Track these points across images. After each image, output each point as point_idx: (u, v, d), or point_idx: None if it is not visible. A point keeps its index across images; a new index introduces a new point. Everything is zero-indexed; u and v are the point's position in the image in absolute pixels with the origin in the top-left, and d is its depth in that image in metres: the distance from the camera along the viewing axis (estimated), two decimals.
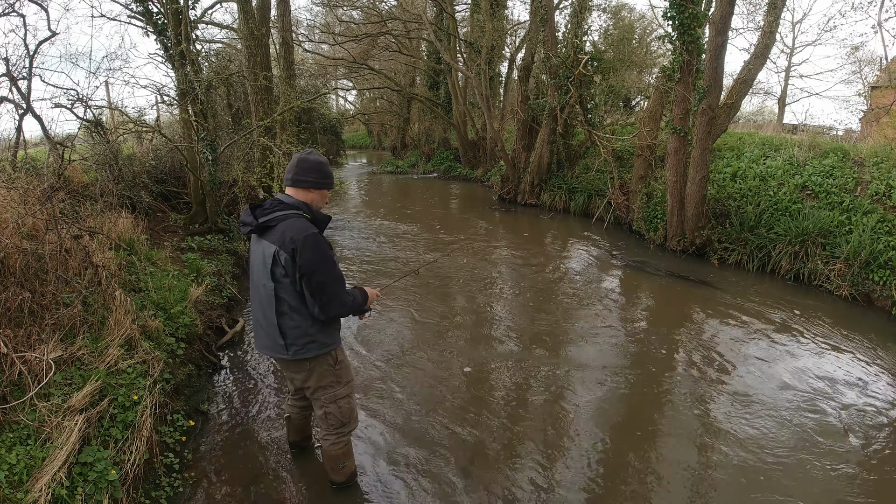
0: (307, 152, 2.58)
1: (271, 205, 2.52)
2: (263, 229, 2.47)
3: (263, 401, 3.93)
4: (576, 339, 5.17)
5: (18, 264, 3.19)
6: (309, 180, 2.52)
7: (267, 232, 2.47)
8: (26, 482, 2.29)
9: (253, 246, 2.58)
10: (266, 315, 2.53)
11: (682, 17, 7.60)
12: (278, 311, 2.49)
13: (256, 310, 2.61)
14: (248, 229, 2.51)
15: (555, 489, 3.06)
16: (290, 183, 2.53)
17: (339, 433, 2.79)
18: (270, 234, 2.45)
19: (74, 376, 2.94)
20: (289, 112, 8.22)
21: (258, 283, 2.54)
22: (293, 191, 2.54)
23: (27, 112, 6.11)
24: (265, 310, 2.53)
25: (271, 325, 2.52)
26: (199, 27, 8.11)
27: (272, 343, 2.57)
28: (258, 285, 2.54)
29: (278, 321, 2.49)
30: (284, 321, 2.50)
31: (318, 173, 2.54)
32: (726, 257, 7.88)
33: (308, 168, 2.52)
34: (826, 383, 4.35)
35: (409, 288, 6.51)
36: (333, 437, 2.79)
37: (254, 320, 2.67)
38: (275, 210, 2.48)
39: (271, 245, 2.42)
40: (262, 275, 2.48)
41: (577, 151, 12.71)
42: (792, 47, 24.48)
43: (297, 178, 2.51)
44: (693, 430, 3.65)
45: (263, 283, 2.49)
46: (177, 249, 6.36)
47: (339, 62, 19.96)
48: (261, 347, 2.67)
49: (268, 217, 2.46)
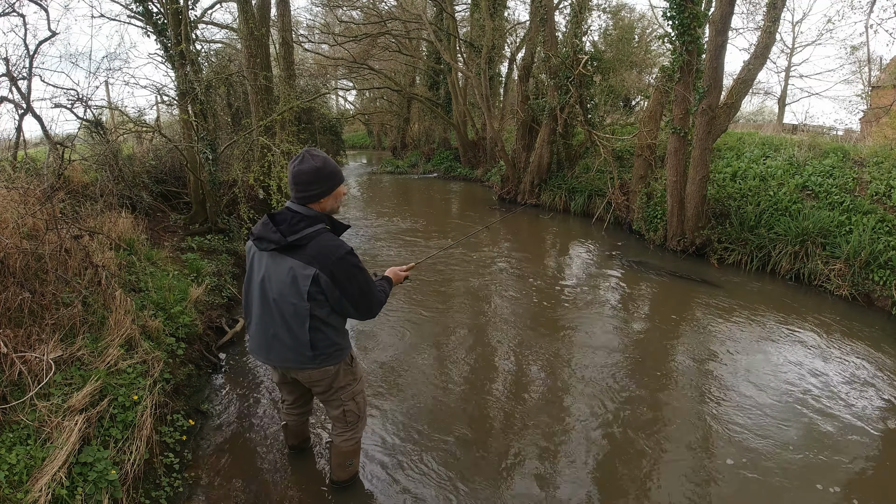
0: (299, 160, 2.33)
1: (293, 219, 2.32)
2: (291, 247, 2.29)
3: (263, 400, 3.93)
4: (576, 339, 5.17)
5: (18, 264, 3.18)
6: (316, 192, 2.33)
7: (296, 250, 2.30)
8: (26, 482, 2.29)
9: (267, 260, 2.38)
10: (292, 331, 2.40)
11: (682, 17, 7.60)
12: (311, 328, 2.39)
13: (274, 325, 2.43)
14: (273, 247, 2.30)
15: (555, 489, 3.06)
16: (300, 201, 2.35)
17: (355, 429, 2.82)
18: (300, 252, 2.29)
19: (74, 376, 2.94)
20: (288, 112, 8.22)
21: (283, 300, 2.36)
22: (305, 206, 2.37)
23: (27, 112, 6.10)
24: (292, 327, 2.39)
25: (300, 341, 2.41)
26: (198, 27, 8.12)
27: (296, 356, 2.46)
28: (283, 302, 2.36)
29: (310, 337, 2.40)
30: (316, 336, 2.42)
31: (322, 179, 2.32)
32: (726, 257, 7.88)
33: (309, 180, 2.30)
34: (826, 383, 4.35)
35: (409, 287, 6.51)
36: (350, 433, 2.81)
37: (267, 336, 2.48)
38: (301, 227, 2.30)
39: (307, 266, 2.28)
40: (292, 294, 2.33)
41: (577, 151, 12.71)
42: (792, 47, 24.50)
43: (304, 194, 2.33)
44: (693, 430, 3.65)
45: (293, 303, 2.34)
46: (177, 249, 6.35)
47: (339, 62, 19.94)
48: (278, 361, 2.52)
49: (298, 236, 2.28)
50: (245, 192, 7.77)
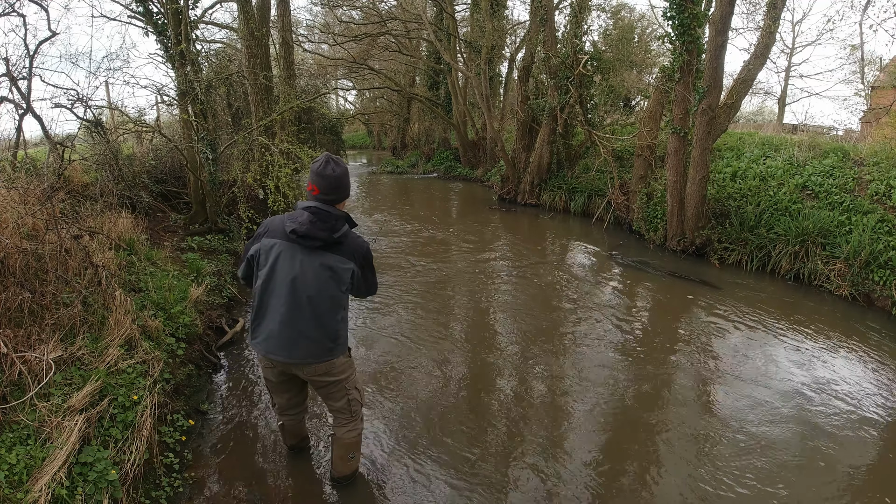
0: (332, 163, 2.46)
1: (330, 218, 2.46)
2: (334, 245, 2.48)
3: (263, 400, 3.92)
4: (575, 339, 5.17)
5: (18, 264, 3.18)
6: (344, 195, 2.54)
7: (334, 246, 2.48)
8: (26, 482, 2.29)
9: (302, 257, 2.46)
10: (323, 324, 2.53)
11: (682, 17, 7.60)
12: (340, 319, 2.61)
13: (301, 321, 2.50)
14: (319, 244, 2.44)
15: (555, 488, 3.06)
16: (330, 203, 2.49)
17: (358, 419, 2.91)
18: (339, 248, 2.50)
19: (74, 376, 2.94)
20: (288, 112, 8.22)
21: (321, 296, 2.49)
22: (334, 206, 2.52)
23: (27, 112, 6.10)
24: (323, 320, 2.53)
25: (328, 333, 2.56)
26: (199, 27, 8.11)
27: (319, 350, 2.57)
28: (320, 298, 2.49)
29: (338, 327, 2.60)
30: (340, 326, 2.62)
31: (348, 184, 2.55)
32: (726, 257, 7.88)
33: (339, 184, 2.49)
34: (826, 383, 4.35)
35: (408, 287, 6.51)
36: (353, 423, 2.89)
37: (292, 333, 2.52)
38: (339, 225, 2.47)
39: (347, 261, 2.51)
40: (331, 287, 2.50)
41: (577, 151, 12.71)
42: (792, 47, 24.48)
43: (336, 196, 2.49)
44: (693, 430, 3.65)
45: (332, 296, 2.51)
46: (177, 249, 6.36)
47: (339, 62, 19.94)
48: (300, 358, 2.56)
49: (341, 232, 2.47)
50: (245, 192, 7.78)
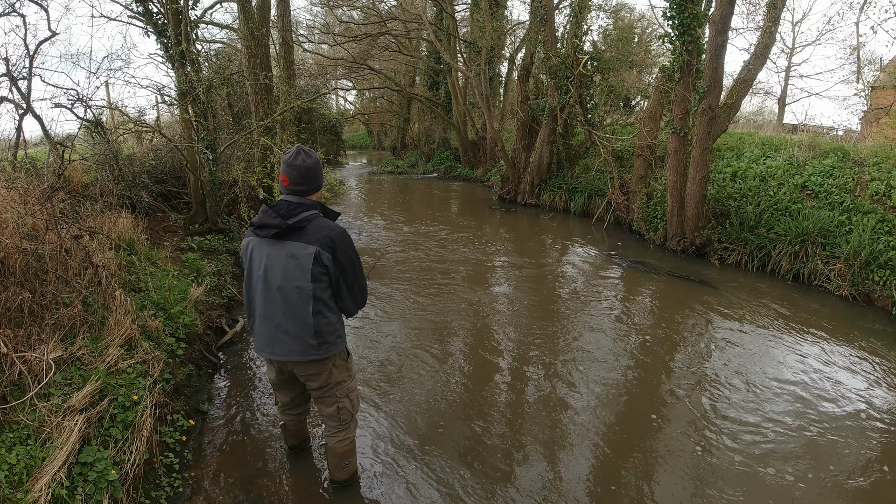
0: (302, 155, 2.47)
1: (290, 206, 2.45)
2: (291, 231, 2.42)
3: (263, 400, 3.93)
4: (576, 339, 5.17)
5: (18, 264, 3.18)
6: (314, 186, 2.52)
7: (295, 233, 2.42)
8: (26, 482, 2.29)
9: (268, 249, 2.47)
10: (297, 318, 2.46)
11: (682, 17, 7.60)
12: (315, 312, 2.46)
13: (276, 315, 2.49)
14: (275, 231, 2.41)
15: (555, 488, 3.05)
16: (298, 194, 2.48)
17: (348, 429, 2.83)
18: (301, 234, 2.42)
19: (74, 376, 2.94)
20: (289, 112, 8.22)
21: (287, 285, 2.44)
22: (302, 197, 2.51)
23: (27, 112, 6.10)
24: (296, 312, 2.46)
25: (304, 327, 2.47)
26: (199, 27, 8.11)
27: (301, 347, 2.50)
28: (288, 288, 2.44)
29: (314, 321, 2.47)
30: (319, 320, 2.49)
31: (319, 175, 2.53)
32: (726, 257, 7.88)
33: (309, 175, 2.47)
34: (826, 383, 4.35)
35: (408, 286, 6.51)
36: (343, 433, 2.82)
37: (270, 328, 2.53)
38: (299, 212, 2.43)
39: (308, 245, 2.40)
40: (296, 277, 2.42)
41: (577, 151, 12.70)
42: (792, 47, 24.49)
43: (304, 187, 2.48)
44: (693, 430, 3.65)
45: (298, 286, 2.42)
46: (177, 249, 6.36)
47: (339, 62, 19.94)
48: (283, 354, 2.55)
49: (298, 218, 2.41)
50: (245, 192, 7.78)
